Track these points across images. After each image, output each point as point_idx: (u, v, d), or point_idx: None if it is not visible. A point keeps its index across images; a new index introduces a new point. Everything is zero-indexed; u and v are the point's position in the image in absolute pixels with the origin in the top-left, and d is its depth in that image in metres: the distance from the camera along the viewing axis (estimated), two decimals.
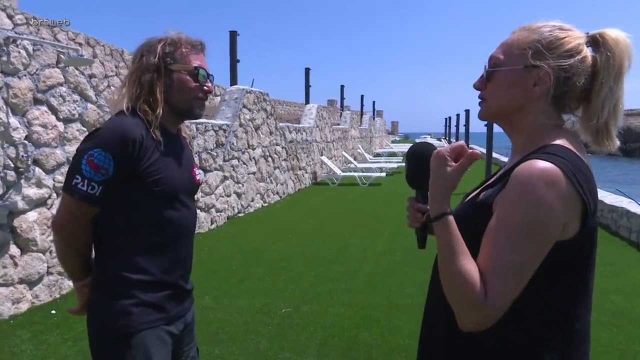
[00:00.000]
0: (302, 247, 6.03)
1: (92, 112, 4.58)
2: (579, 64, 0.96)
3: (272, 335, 3.45)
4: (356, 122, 22.19)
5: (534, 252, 0.89)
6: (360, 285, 4.54)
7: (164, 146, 1.39)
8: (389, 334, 3.46)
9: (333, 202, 9.89)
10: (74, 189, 1.31)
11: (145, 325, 1.36)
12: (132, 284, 1.35)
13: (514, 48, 1.00)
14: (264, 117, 9.64)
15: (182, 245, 1.47)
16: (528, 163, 0.91)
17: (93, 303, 1.41)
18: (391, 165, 16.73)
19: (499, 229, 0.90)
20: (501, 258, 0.89)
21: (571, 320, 0.97)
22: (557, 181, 0.88)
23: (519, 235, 0.88)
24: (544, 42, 0.97)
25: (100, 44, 10.78)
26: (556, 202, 0.88)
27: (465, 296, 0.89)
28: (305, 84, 15.11)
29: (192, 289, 1.56)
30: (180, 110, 1.46)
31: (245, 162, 8.62)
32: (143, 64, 1.41)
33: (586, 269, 0.98)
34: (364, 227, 7.28)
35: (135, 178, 1.34)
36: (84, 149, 1.32)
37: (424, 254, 5.38)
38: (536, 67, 0.97)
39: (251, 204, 8.81)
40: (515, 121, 1.03)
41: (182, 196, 1.45)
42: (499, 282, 0.88)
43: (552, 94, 0.98)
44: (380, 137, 33.43)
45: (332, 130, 16.09)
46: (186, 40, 1.47)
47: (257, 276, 4.83)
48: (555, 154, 0.92)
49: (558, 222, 0.89)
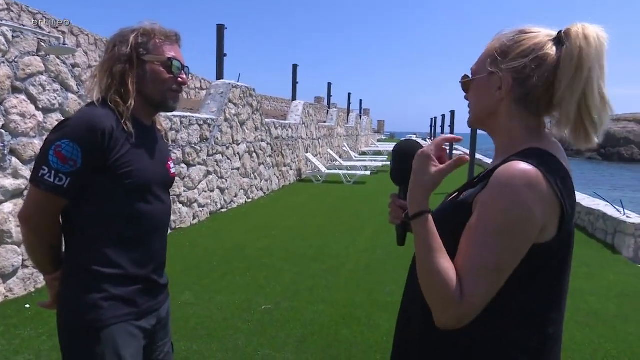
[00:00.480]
0: (285, 243, 6.02)
1: (73, 103, 4.49)
2: (532, 64, 0.96)
3: (252, 331, 3.44)
4: (342, 120, 22.21)
5: (511, 253, 0.90)
6: (342, 283, 4.54)
7: (136, 138, 1.37)
8: (369, 332, 3.48)
9: (317, 200, 9.89)
10: (40, 180, 1.28)
11: (115, 319, 1.34)
12: (103, 277, 1.33)
13: (483, 57, 1.06)
14: (250, 112, 9.58)
15: (155, 239, 1.44)
16: (508, 165, 0.92)
17: (63, 296, 1.38)
18: (376, 163, 16.79)
19: (477, 228, 0.91)
20: (478, 257, 0.90)
21: (545, 323, 0.98)
22: (537, 183, 0.89)
23: (497, 235, 0.89)
24: (501, 49, 1.01)
25: (84, 33, 10.59)
26: (536, 203, 0.88)
27: (442, 294, 0.90)
28: (293, 80, 15.06)
29: (166, 284, 1.54)
30: (154, 102, 1.44)
31: (229, 158, 8.56)
32: (115, 54, 1.38)
33: (562, 273, 0.99)
34: (346, 224, 7.30)
35: (106, 170, 1.31)
36: (52, 140, 1.29)
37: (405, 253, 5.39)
38: (493, 73, 1.01)
39: (234, 200, 8.76)
40: (491, 125, 1.07)
41: (155, 189, 1.43)
42: (475, 282, 0.89)
43: (515, 96, 1.00)
44: (367, 136, 33.53)
45: (318, 128, 16.08)
46: (160, 30, 1.44)
47: (238, 272, 4.81)
48: (535, 156, 0.93)
49: (537, 224, 0.90)
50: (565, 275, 0.99)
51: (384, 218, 7.84)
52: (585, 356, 3.21)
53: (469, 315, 0.90)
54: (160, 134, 1.54)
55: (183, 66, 1.46)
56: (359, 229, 6.95)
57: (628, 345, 3.38)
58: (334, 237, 6.40)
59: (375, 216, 8.02)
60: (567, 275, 1.00)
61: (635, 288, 4.67)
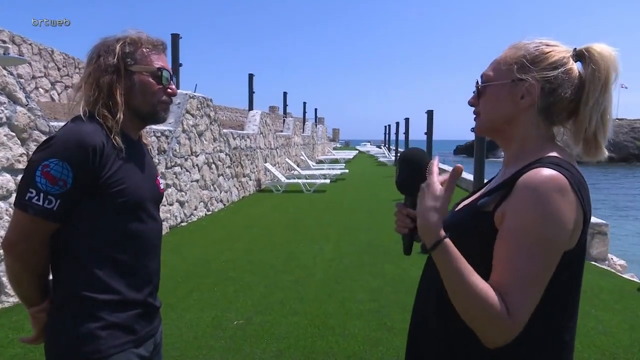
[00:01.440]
0: (250, 256, 5.91)
1: (21, 116, 4.23)
2: (563, 76, 1.00)
3: (226, 349, 3.33)
4: (299, 129, 22.23)
5: (550, 262, 0.90)
6: (312, 293, 4.50)
7: (126, 154, 1.28)
8: (345, 342, 3.45)
9: (278, 210, 9.80)
10: (27, 203, 1.18)
11: (115, 349, 1.24)
12: (98, 304, 1.24)
13: (502, 64, 1.05)
14: (208, 123, 9.40)
15: (150, 260, 1.37)
16: (535, 171, 0.93)
17: (54, 327, 1.27)
18: (335, 172, 16.90)
19: (514, 241, 0.90)
20: (520, 271, 0.89)
21: (562, 330, 0.99)
22: (565, 190, 0.90)
23: (535, 247, 0.89)
24: (529, 57, 1.02)
25: (27, 42, 10.03)
26: (567, 210, 0.90)
27: (487, 315, 0.89)
28: (249, 90, 14.94)
29: (160, 306, 1.46)
30: (143, 114, 1.36)
31: (188, 170, 8.34)
32: (101, 65, 1.29)
33: (578, 280, 1.00)
34: (310, 234, 7.27)
35: (97, 189, 1.22)
36: (38, 159, 1.19)
37: (371, 259, 5.48)
38: (522, 80, 1.01)
39: (194, 213, 8.53)
40: (507, 133, 1.07)
41: (148, 206, 1.35)
42: (521, 296, 0.88)
43: (540, 106, 1.01)
44: (323, 144, 33.72)
45: (276, 137, 16.00)
46: (147, 39, 1.37)
47: (205, 288, 4.66)
48: (558, 164, 0.95)
49: (569, 231, 0.91)
50: (580, 283, 1.01)
51: (347, 226, 7.88)
52: None
53: (519, 330, 0.89)
54: (146, 148, 1.47)
55: (171, 76, 1.40)
56: (324, 238, 6.94)
57: (591, 339, 3.54)
58: (299, 248, 6.34)
59: (338, 224, 8.04)
60: (581, 283, 1.02)
61: (590, 283, 4.90)
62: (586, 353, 3.32)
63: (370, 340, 3.48)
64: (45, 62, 10.50)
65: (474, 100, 1.10)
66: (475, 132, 1.13)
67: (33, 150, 4.32)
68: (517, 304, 0.88)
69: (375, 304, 4.20)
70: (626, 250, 9.40)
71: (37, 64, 10.25)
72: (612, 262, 6.39)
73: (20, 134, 4.22)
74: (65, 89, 11.11)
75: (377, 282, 4.85)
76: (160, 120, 1.41)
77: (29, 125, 4.30)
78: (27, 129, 4.28)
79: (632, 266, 7.06)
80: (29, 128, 4.30)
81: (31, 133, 4.34)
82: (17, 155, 4.18)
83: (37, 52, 10.28)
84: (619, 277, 5.43)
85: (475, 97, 1.10)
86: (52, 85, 10.68)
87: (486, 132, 1.11)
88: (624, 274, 5.87)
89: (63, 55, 11.14)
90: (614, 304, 4.32)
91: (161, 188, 1.48)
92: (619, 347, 3.40)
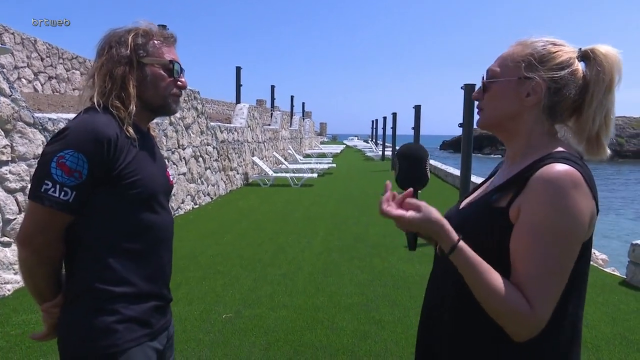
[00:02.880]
0: (238, 249, 5.90)
1: (5, 107, 4.14)
2: (569, 76, 1.01)
3: (214, 342, 3.32)
4: (286, 123, 22.17)
5: (570, 254, 0.93)
6: (301, 287, 4.52)
7: (139, 145, 1.28)
8: (334, 335, 3.48)
9: (266, 203, 9.78)
10: (44, 195, 1.16)
11: (132, 343, 1.23)
12: (114, 297, 1.23)
13: (508, 61, 1.06)
14: (195, 115, 9.32)
15: (163, 251, 1.36)
16: (550, 166, 0.95)
17: (69, 321, 1.25)
18: (322, 166, 16.90)
19: (533, 235, 0.92)
20: (540, 265, 0.91)
21: (576, 319, 1.02)
22: (580, 183, 0.93)
23: (555, 240, 0.91)
24: (537, 56, 1.03)
25: (10, 32, 9.80)
26: (583, 203, 0.92)
27: (510, 311, 0.91)
28: (236, 83, 14.83)
29: (172, 299, 1.45)
30: (153, 106, 1.36)
31: (175, 163, 8.27)
32: (113, 56, 1.28)
33: (588, 271, 1.03)
34: (298, 227, 7.27)
35: (111, 181, 1.21)
36: (53, 151, 1.17)
37: (359, 254, 5.51)
38: (529, 79, 1.02)
39: (181, 206, 8.47)
40: (511, 129, 1.08)
41: (160, 198, 1.35)
42: (543, 290, 0.91)
43: (545, 104, 1.03)
44: (310, 138, 33.69)
45: (264, 131, 15.94)
46: (158, 31, 1.36)
47: (193, 281, 4.64)
48: (569, 159, 0.97)
49: (586, 223, 0.93)
50: (588, 272, 1.04)
51: (335, 220, 7.91)
52: None
53: (543, 323, 0.92)
54: (155, 140, 1.46)
55: (182, 68, 1.39)
56: (312, 232, 6.95)
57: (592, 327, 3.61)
58: (287, 241, 6.35)
59: (326, 218, 8.06)
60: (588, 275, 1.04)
61: None
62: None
63: (359, 333, 3.51)
64: (28, 52, 10.28)
65: (478, 95, 1.11)
66: (478, 127, 1.15)
67: (17, 142, 4.25)
68: (539, 298, 0.91)
69: (363, 297, 4.24)
70: (606, 245, 9.61)
71: (20, 53, 10.03)
72: (595, 257, 6.52)
73: (4, 125, 4.14)
74: (49, 79, 10.90)
75: (365, 275, 4.88)
76: (171, 112, 1.41)
77: (12, 117, 4.21)
78: (10, 120, 4.19)
79: (613, 261, 7.21)
80: (12, 119, 4.22)
81: (15, 124, 4.25)
82: (1, 146, 4.09)
83: (20, 42, 10.06)
84: (601, 271, 5.55)
85: (480, 91, 1.10)
86: (35, 76, 10.47)
87: (489, 127, 1.11)
88: (606, 268, 6.00)
89: (47, 45, 10.91)
90: (596, 297, 4.41)
91: (171, 180, 1.47)
92: (601, 340, 3.48)
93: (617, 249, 9.21)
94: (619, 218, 14.76)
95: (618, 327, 3.73)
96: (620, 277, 5.25)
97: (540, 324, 0.92)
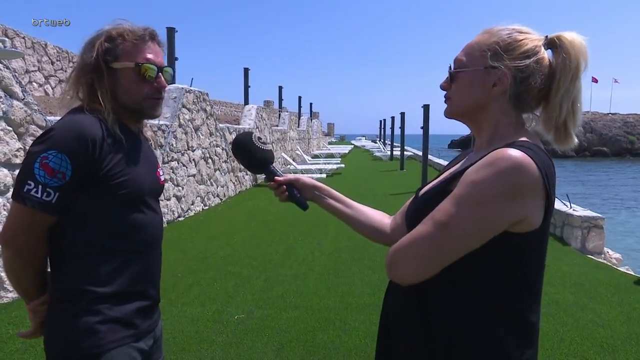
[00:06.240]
0: (248, 250, 5.91)
1: (18, 110, 4.19)
2: (535, 65, 1.00)
3: (227, 343, 3.33)
4: (294, 124, 22.18)
5: (472, 222, 0.91)
6: (312, 287, 4.51)
7: (126, 145, 1.27)
8: (346, 335, 3.47)
9: (275, 204, 9.76)
10: (26, 196, 1.16)
11: (114, 344, 1.23)
12: (98, 298, 1.23)
13: (475, 50, 1.05)
14: (204, 117, 9.36)
15: (150, 252, 1.35)
16: (501, 150, 0.93)
17: (53, 321, 1.26)
18: (330, 166, 16.89)
19: (450, 197, 0.95)
20: (429, 220, 0.95)
21: (529, 312, 1.01)
22: (527, 169, 0.91)
23: (466, 200, 0.92)
24: (503, 44, 1.02)
25: (21, 36, 9.91)
26: (521, 186, 0.90)
27: None
28: (245, 84, 14.85)
29: (160, 300, 1.45)
30: (131, 110, 1.33)
31: (185, 164, 8.31)
32: (81, 64, 1.28)
33: (542, 264, 1.03)
34: (308, 228, 7.27)
35: (96, 182, 1.21)
36: (37, 151, 1.17)
37: (370, 255, 5.47)
38: (495, 68, 1.02)
39: (191, 208, 8.51)
40: (478, 119, 1.08)
41: (148, 199, 1.34)
42: (417, 230, 0.96)
43: (510, 93, 1.02)
44: (318, 139, 33.67)
45: (272, 132, 15.96)
46: (130, 30, 1.29)
47: (205, 282, 4.66)
48: (525, 146, 0.95)
49: (515, 209, 0.91)
50: (544, 267, 1.04)
51: None
52: (554, 345, 3.36)
53: (408, 277, 0.97)
54: (147, 142, 1.45)
55: (160, 68, 1.32)
56: (322, 233, 6.94)
57: (589, 332, 3.58)
58: (297, 242, 6.35)
59: (335, 219, 8.02)
60: (544, 267, 1.04)
61: (587, 277, 4.96)
62: (585, 346, 3.35)
63: (372, 334, 3.49)
64: (38, 56, 10.40)
65: (446, 85, 1.11)
66: (445, 115, 1.14)
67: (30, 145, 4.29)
68: (403, 248, 0.97)
69: (375, 297, 4.22)
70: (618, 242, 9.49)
71: (31, 57, 10.15)
72: (608, 256, 6.45)
73: (17, 129, 4.18)
74: (59, 83, 11.01)
75: (377, 276, 4.86)
76: (149, 117, 1.38)
77: (25, 120, 4.25)
78: (23, 124, 4.24)
79: (627, 259, 7.13)
80: (25, 122, 4.26)
81: (28, 127, 4.30)
82: (14, 150, 4.14)
83: (31, 46, 10.17)
84: (615, 270, 5.49)
85: (447, 81, 1.10)
86: (46, 79, 10.59)
87: (456, 116, 1.11)
88: (620, 267, 5.93)
89: (57, 49, 11.02)
90: (611, 296, 4.36)
91: (162, 179, 1.46)
92: (617, 340, 3.44)
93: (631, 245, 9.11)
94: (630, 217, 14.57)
95: (634, 326, 3.68)
96: (634, 275, 5.18)
97: (401, 275, 0.98)
